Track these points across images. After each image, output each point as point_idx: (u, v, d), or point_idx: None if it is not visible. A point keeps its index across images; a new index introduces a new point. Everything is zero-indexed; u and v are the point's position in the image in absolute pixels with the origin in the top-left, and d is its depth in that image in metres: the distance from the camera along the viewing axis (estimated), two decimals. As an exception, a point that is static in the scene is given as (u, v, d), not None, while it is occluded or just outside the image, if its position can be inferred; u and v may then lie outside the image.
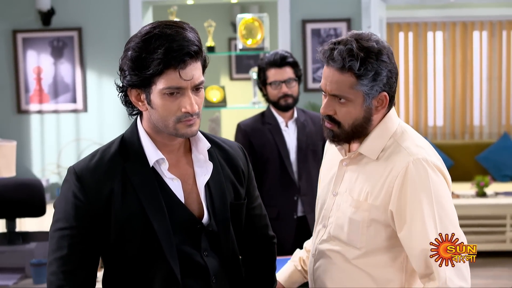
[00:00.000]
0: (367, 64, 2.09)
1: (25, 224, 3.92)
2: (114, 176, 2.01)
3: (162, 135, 2.03)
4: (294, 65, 3.91)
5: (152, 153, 2.03)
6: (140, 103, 2.02)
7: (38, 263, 3.63)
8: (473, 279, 2.63)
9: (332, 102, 2.17)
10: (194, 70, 1.95)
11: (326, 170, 2.40)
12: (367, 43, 2.12)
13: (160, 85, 1.93)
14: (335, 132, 2.19)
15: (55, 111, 5.91)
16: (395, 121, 2.23)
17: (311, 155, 3.97)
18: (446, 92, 8.40)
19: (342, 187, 2.25)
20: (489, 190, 6.94)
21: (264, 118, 4.01)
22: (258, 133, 3.95)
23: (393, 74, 2.16)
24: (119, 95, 2.10)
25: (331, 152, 2.39)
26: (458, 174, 7.52)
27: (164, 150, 2.05)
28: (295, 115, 4.00)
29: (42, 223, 4.81)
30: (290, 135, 3.97)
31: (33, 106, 5.90)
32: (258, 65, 4.02)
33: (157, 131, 2.03)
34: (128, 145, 2.06)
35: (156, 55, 1.90)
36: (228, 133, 6.35)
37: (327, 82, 2.17)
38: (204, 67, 2.02)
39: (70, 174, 2.03)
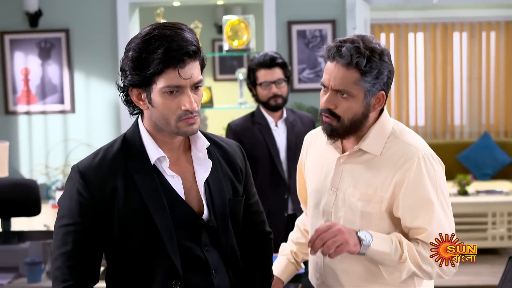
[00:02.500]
0: (372, 62, 2.21)
1: (14, 223, 3.94)
2: (117, 174, 2.05)
3: (162, 133, 2.08)
4: (283, 66, 3.98)
5: (153, 151, 2.08)
6: (141, 102, 2.06)
7: (32, 262, 3.65)
8: (455, 276, 2.71)
9: (334, 97, 2.26)
10: (193, 69, 2.00)
11: (314, 168, 2.49)
12: (371, 44, 2.24)
13: (160, 84, 1.98)
14: (333, 126, 2.28)
15: (43, 112, 5.92)
16: (389, 120, 2.37)
17: (300, 154, 4.03)
18: (427, 92, 8.49)
19: (342, 183, 2.34)
20: (470, 188, 7.03)
21: (254, 118, 4.07)
22: (248, 133, 4.01)
23: (392, 75, 2.28)
24: (121, 95, 2.12)
25: (318, 151, 2.48)
26: (439, 173, 7.58)
27: (165, 148, 2.09)
28: (285, 115, 4.07)
29: (31, 223, 4.83)
30: (279, 134, 4.04)
31: (21, 107, 5.91)
32: (248, 66, 4.08)
33: (158, 130, 2.08)
34: (130, 144, 2.10)
35: (156, 55, 1.95)
36: (215, 133, 6.37)
37: (330, 78, 2.25)
38: (202, 66, 2.07)
39: (74, 172, 2.07)
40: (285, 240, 3.83)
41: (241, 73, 5.48)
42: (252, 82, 4.02)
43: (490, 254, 6.66)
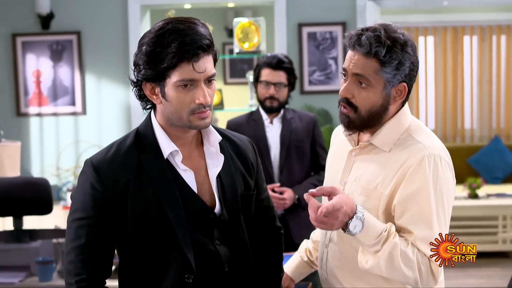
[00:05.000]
0: (392, 52, 2.14)
1: (25, 224, 3.96)
2: (130, 168, 2.06)
3: (175, 128, 2.09)
4: (288, 70, 3.99)
5: (167, 146, 2.08)
6: (154, 97, 2.07)
7: (43, 261, 3.66)
8: (466, 279, 2.69)
9: (352, 85, 2.20)
10: (206, 63, 2.01)
11: (332, 161, 2.45)
12: (394, 34, 2.16)
13: (174, 78, 1.99)
14: (350, 117, 2.22)
15: (54, 114, 5.95)
16: (408, 116, 2.29)
17: (294, 151, 4.05)
18: (437, 96, 8.49)
19: (351, 176, 2.29)
20: (481, 192, 7.01)
21: (251, 116, 4.14)
22: (241, 129, 4.02)
23: (415, 67, 2.21)
24: (133, 90, 2.13)
25: (338, 143, 2.44)
26: (450, 176, 7.58)
27: (178, 142, 2.10)
28: (281, 112, 4.09)
29: (42, 224, 4.84)
30: (273, 131, 4.06)
31: (33, 109, 5.94)
32: (257, 62, 4.13)
33: (171, 124, 2.08)
34: (143, 138, 2.11)
35: (170, 49, 1.96)
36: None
37: (350, 63, 2.19)
38: (215, 60, 2.08)
39: (88, 166, 2.08)
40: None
41: (251, 76, 5.50)
42: (255, 78, 4.07)
43: (501, 258, 6.65)
